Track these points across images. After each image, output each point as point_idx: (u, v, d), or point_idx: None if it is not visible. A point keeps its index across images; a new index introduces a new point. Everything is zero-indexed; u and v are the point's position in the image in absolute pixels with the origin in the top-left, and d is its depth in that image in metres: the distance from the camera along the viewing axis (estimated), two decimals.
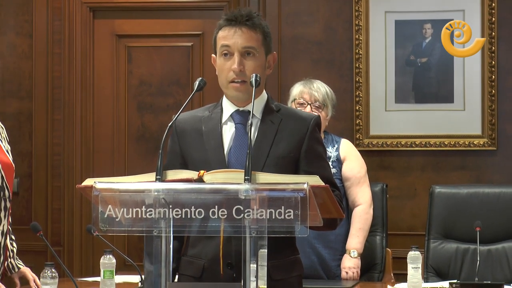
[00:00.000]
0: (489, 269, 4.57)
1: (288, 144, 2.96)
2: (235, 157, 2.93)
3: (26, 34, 5.90)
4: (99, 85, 5.95)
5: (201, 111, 3.08)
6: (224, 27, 2.97)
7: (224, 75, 2.97)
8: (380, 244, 4.87)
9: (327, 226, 2.76)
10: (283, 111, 3.04)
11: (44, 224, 5.72)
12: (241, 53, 2.94)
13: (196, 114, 3.07)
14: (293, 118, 3.02)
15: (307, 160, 2.96)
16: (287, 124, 2.98)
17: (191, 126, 3.01)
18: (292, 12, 5.71)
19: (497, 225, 4.65)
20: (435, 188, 4.82)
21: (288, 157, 2.95)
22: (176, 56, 5.92)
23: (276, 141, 2.95)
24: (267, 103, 3.03)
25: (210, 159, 2.91)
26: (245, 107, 2.99)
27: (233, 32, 2.95)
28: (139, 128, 5.94)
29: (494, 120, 5.53)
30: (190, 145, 2.99)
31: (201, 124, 3.01)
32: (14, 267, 3.81)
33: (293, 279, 3.01)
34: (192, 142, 2.99)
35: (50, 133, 5.88)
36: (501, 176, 5.51)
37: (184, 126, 3.02)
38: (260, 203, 2.42)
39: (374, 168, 5.49)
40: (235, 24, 2.95)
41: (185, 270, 2.99)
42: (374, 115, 5.64)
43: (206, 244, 2.89)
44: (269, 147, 2.94)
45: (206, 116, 3.03)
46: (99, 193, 2.49)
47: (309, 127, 2.98)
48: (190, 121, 3.03)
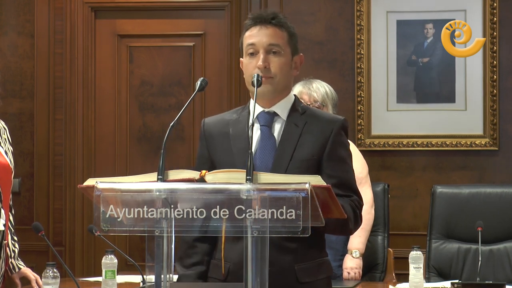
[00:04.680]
0: (491, 269, 4.56)
1: (311, 147, 2.93)
2: (260, 159, 2.91)
3: (27, 34, 5.91)
4: (101, 85, 5.95)
5: (228, 115, 3.07)
6: (250, 26, 2.97)
7: (249, 73, 2.94)
8: (382, 244, 4.87)
9: (340, 230, 2.77)
10: (309, 113, 3.01)
11: (45, 224, 5.72)
12: (266, 50, 2.93)
13: (223, 117, 3.06)
14: (318, 120, 2.98)
15: (329, 163, 2.94)
16: (311, 126, 2.96)
17: (218, 129, 3.00)
18: (294, 12, 5.71)
19: (498, 225, 4.65)
20: (436, 188, 4.82)
21: (312, 160, 2.92)
22: (177, 56, 5.92)
23: (299, 143, 2.93)
24: (293, 105, 3.01)
25: (236, 162, 2.87)
26: (271, 108, 2.98)
27: (258, 30, 2.94)
28: (141, 128, 5.94)
29: (496, 120, 5.53)
30: (218, 148, 2.98)
31: (229, 127, 3.00)
32: (15, 267, 3.81)
33: (321, 281, 2.99)
34: (220, 145, 2.98)
35: (51, 133, 5.88)
36: (503, 176, 5.51)
37: (212, 130, 3.02)
38: (261, 203, 2.42)
39: (376, 168, 5.49)
40: (260, 22, 2.95)
41: (212, 273, 2.98)
42: (375, 115, 5.64)
43: (232, 247, 2.87)
44: (292, 150, 2.92)
45: (234, 119, 3.02)
46: (100, 193, 2.48)
47: (333, 130, 2.95)
48: (218, 125, 3.02)
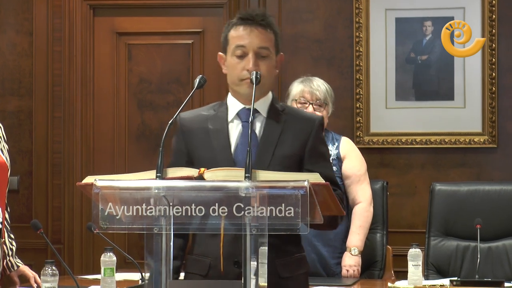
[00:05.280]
0: (490, 267, 4.56)
1: (292, 144, 2.98)
2: (241, 155, 2.93)
3: (26, 32, 5.90)
4: (99, 82, 5.95)
5: (205, 110, 3.08)
6: (238, 26, 2.98)
7: (236, 74, 2.97)
8: (381, 241, 4.87)
9: (328, 225, 2.76)
10: (288, 111, 3.06)
11: (44, 222, 5.72)
12: (256, 53, 2.95)
13: (201, 113, 3.07)
14: (298, 118, 3.04)
15: (310, 160, 2.99)
16: (291, 124, 3.00)
17: (197, 125, 3.01)
18: (292, 9, 5.71)
19: (497, 222, 4.64)
20: (435, 186, 4.82)
21: (293, 156, 2.97)
22: (176, 54, 5.91)
23: (281, 140, 2.97)
24: (272, 103, 3.05)
25: (217, 157, 2.92)
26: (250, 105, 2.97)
27: (249, 32, 2.96)
28: (139, 126, 5.94)
29: (495, 117, 5.53)
30: (197, 144, 2.99)
31: (207, 123, 3.01)
32: (13, 265, 3.81)
33: (300, 276, 3.04)
34: (199, 141, 2.99)
35: (50, 131, 5.88)
36: (502, 173, 5.51)
37: (190, 125, 3.02)
38: (260, 201, 2.42)
39: (375, 166, 5.49)
40: (251, 23, 2.96)
41: (191, 268, 2.99)
42: (374, 113, 5.64)
43: (212, 242, 2.88)
44: (274, 147, 2.95)
45: (212, 115, 3.03)
46: (99, 190, 2.49)
47: (313, 127, 3.01)
48: (196, 120, 3.03)
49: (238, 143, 2.97)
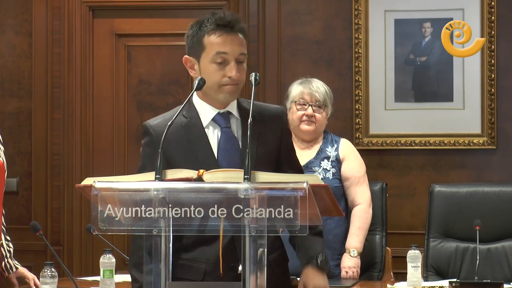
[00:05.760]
0: (489, 268, 4.57)
1: (272, 142, 3.04)
2: (226, 160, 2.95)
3: (25, 34, 5.90)
4: (99, 84, 5.95)
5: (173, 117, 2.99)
6: (215, 31, 2.97)
7: (215, 80, 2.96)
8: (380, 243, 4.87)
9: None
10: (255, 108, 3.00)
11: (43, 223, 5.72)
12: (236, 59, 2.96)
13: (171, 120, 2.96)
14: (267, 113, 3.07)
15: (287, 154, 3.09)
16: (264, 121, 3.03)
17: (174, 134, 2.92)
18: (292, 11, 5.71)
19: (496, 224, 4.65)
20: (434, 187, 4.82)
21: (274, 153, 3.04)
22: (175, 55, 5.90)
23: (260, 140, 2.99)
24: (238, 104, 3.06)
25: (202, 165, 2.82)
26: (225, 109, 3.02)
27: (230, 39, 2.96)
28: (139, 127, 5.93)
29: (494, 119, 5.53)
30: (178, 153, 2.95)
31: (183, 131, 2.99)
32: (12, 267, 3.80)
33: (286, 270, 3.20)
34: (179, 150, 2.96)
35: (49, 132, 5.87)
36: (501, 175, 5.51)
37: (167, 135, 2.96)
38: (259, 202, 2.42)
39: (374, 167, 5.49)
40: (230, 30, 2.96)
41: (184, 274, 2.97)
42: (373, 114, 5.64)
43: (205, 248, 2.89)
44: (255, 148, 2.94)
45: (185, 122, 3.02)
46: (98, 192, 2.48)
47: (283, 121, 3.11)
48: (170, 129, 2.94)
49: (221, 149, 2.98)
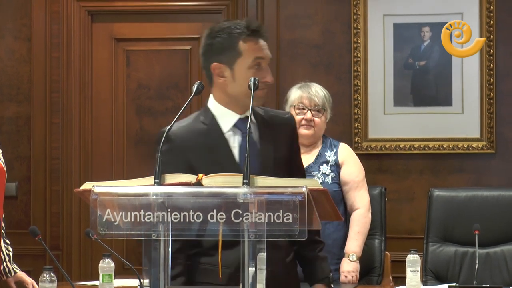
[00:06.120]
0: (488, 272, 4.57)
1: (285, 147, 3.07)
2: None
3: (24, 38, 5.90)
4: (98, 88, 5.95)
5: (193, 123, 3.04)
6: (251, 38, 3.00)
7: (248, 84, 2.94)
8: (379, 247, 4.87)
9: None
10: (266, 113, 3.11)
11: (42, 228, 5.72)
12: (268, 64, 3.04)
13: (190, 127, 3.02)
14: (277, 120, 3.11)
15: (297, 157, 3.16)
16: (276, 126, 3.08)
17: (193, 141, 2.97)
18: (291, 15, 5.72)
19: (495, 228, 4.65)
20: (433, 191, 4.82)
21: (288, 157, 3.08)
22: (174, 60, 5.92)
23: (275, 144, 3.03)
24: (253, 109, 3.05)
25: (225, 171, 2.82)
26: (243, 114, 3.03)
27: (263, 45, 3.02)
28: (138, 131, 5.94)
29: (493, 123, 5.53)
30: (200, 161, 2.95)
31: (203, 138, 3.00)
32: (11, 271, 3.80)
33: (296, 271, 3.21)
34: (201, 157, 2.96)
35: (48, 137, 5.87)
36: (500, 179, 5.51)
37: (187, 142, 2.98)
38: (258, 207, 2.42)
39: (373, 172, 5.49)
40: (261, 36, 3.02)
41: (206, 278, 2.99)
42: (372, 119, 5.64)
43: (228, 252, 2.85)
44: (272, 152, 3.01)
45: (204, 129, 3.02)
46: (97, 197, 2.48)
47: (293, 126, 3.16)
48: (190, 136, 2.99)
49: (242, 154, 2.98)
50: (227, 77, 3.02)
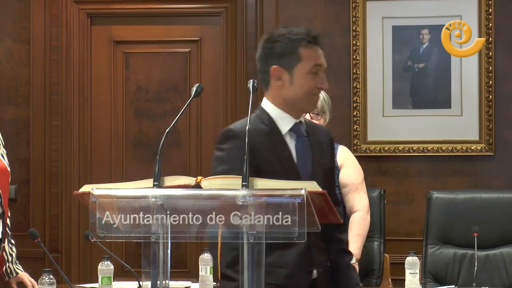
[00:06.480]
0: (487, 275, 4.57)
1: (329, 157, 3.18)
2: (304, 168, 3.05)
3: (23, 41, 5.90)
4: (97, 91, 5.95)
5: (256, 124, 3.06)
6: (312, 45, 3.09)
7: (307, 89, 3.07)
8: (378, 249, 4.87)
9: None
10: (308, 122, 3.24)
11: (42, 230, 5.71)
12: None
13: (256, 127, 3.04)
14: (318, 130, 3.23)
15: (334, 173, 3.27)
16: (319, 136, 3.16)
17: (259, 140, 3.00)
18: (290, 18, 5.71)
19: (494, 230, 4.65)
20: (432, 194, 4.83)
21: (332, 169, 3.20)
22: (173, 62, 5.92)
23: (322, 152, 3.13)
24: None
25: (286, 172, 2.98)
26: (299, 119, 3.12)
27: (321, 53, 3.14)
28: (137, 134, 5.94)
29: (492, 125, 5.53)
30: (265, 159, 2.99)
31: (264, 138, 3.04)
32: (12, 271, 3.80)
33: None
34: (266, 156, 3.01)
35: (47, 139, 5.87)
36: (499, 181, 5.51)
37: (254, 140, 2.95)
38: (257, 209, 2.43)
39: (372, 174, 5.49)
40: (319, 44, 3.13)
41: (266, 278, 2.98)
42: (371, 121, 5.64)
43: (283, 252, 2.95)
44: (321, 158, 3.12)
45: (267, 129, 3.07)
46: (96, 199, 2.49)
47: (332, 140, 3.25)
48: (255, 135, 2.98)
49: (298, 156, 3.06)
50: (285, 81, 3.08)
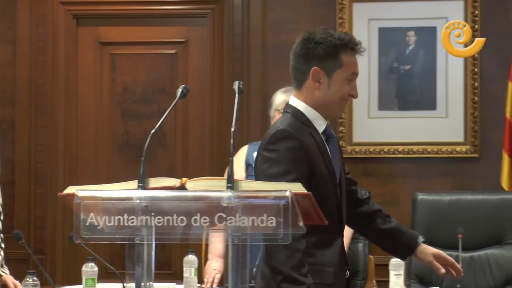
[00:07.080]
0: (472, 276, 4.58)
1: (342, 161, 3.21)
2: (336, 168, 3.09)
3: (9, 41, 5.88)
4: (83, 92, 5.94)
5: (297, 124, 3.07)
6: (353, 53, 3.14)
7: (341, 95, 3.10)
8: (363, 251, 4.88)
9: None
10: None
11: (26, 231, 5.69)
12: None
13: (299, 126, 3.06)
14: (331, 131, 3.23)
15: None
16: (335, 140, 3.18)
17: (307, 140, 3.03)
18: (276, 20, 5.72)
19: (479, 232, 4.66)
20: (417, 195, 4.83)
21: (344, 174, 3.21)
22: (160, 64, 5.91)
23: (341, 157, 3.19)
24: None
25: (330, 172, 3.04)
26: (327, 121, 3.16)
27: (358, 62, 3.17)
28: (123, 135, 5.93)
29: (477, 127, 5.55)
30: (314, 158, 3.02)
31: (311, 138, 3.05)
32: None
33: None
34: (315, 155, 3.03)
35: (33, 140, 5.85)
36: (484, 183, 5.53)
37: (305, 141, 3.02)
38: (242, 211, 2.42)
39: (357, 175, 5.48)
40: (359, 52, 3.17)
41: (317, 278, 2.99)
42: (357, 122, 5.65)
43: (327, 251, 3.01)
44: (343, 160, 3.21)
45: (308, 130, 3.07)
46: (81, 201, 2.48)
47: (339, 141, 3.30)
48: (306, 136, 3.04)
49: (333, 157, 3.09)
50: (323, 83, 3.10)
